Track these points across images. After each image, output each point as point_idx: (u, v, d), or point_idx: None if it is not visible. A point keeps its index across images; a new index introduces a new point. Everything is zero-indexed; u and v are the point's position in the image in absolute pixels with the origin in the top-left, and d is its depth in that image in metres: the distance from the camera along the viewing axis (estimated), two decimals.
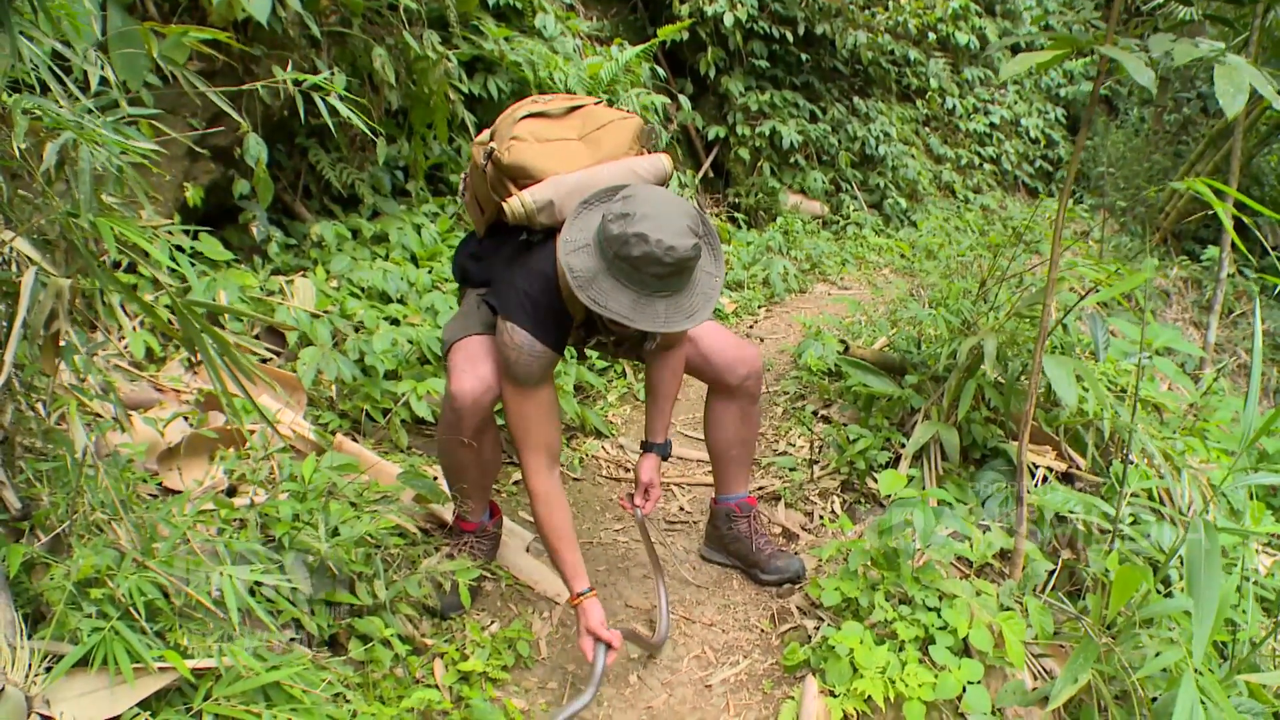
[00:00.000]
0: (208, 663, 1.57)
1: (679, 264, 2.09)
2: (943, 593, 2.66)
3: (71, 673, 1.51)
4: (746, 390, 2.88)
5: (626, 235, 2.05)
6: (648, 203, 2.10)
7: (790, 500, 3.53)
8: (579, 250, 2.16)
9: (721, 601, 2.95)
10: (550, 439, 2.46)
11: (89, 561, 1.57)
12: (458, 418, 2.47)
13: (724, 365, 2.85)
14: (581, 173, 2.37)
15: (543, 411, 2.44)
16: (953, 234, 8.32)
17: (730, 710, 2.50)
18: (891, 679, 2.39)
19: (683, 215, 2.12)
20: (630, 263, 2.07)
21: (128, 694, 1.51)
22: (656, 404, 2.81)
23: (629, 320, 2.12)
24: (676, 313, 2.16)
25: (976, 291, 4.43)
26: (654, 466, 2.81)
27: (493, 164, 2.40)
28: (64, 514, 1.66)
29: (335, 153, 4.88)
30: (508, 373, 2.38)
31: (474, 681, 2.36)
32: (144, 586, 1.58)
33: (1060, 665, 2.79)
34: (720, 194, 8.92)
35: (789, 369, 4.85)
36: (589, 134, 2.48)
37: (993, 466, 3.78)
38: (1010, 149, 11.80)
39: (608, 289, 2.11)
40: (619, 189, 2.24)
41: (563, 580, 2.47)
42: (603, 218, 2.14)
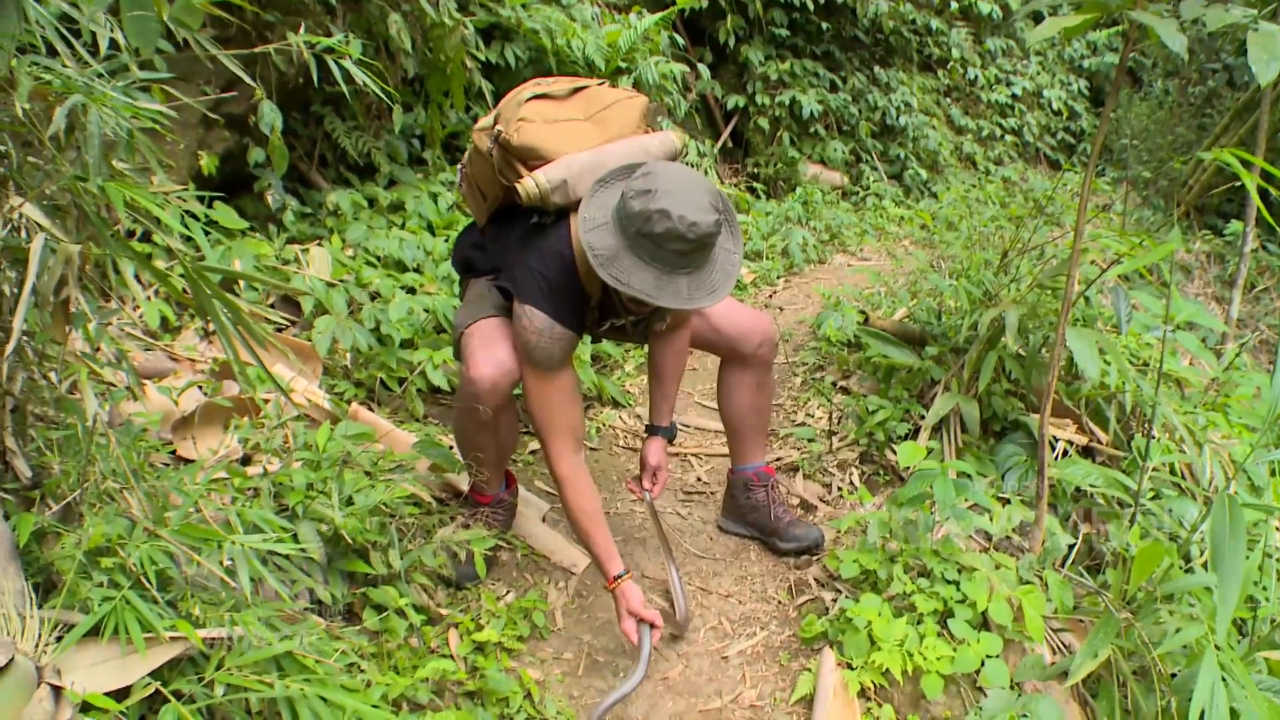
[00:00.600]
0: (219, 632, 1.56)
1: (701, 240, 2.07)
2: (962, 566, 2.63)
3: (82, 642, 1.50)
4: (761, 359, 2.86)
5: (649, 212, 2.04)
6: (669, 179, 2.08)
7: (808, 472, 3.50)
8: (599, 228, 2.14)
9: (739, 573, 2.94)
10: (575, 423, 2.44)
11: (100, 530, 1.56)
12: (476, 402, 2.44)
13: (738, 335, 2.82)
14: (593, 151, 2.34)
15: (565, 395, 2.42)
16: (974, 206, 8.22)
17: (747, 682, 2.49)
18: (909, 652, 2.37)
19: (704, 191, 2.10)
20: (653, 239, 2.06)
21: (139, 664, 1.50)
22: (661, 387, 2.79)
23: (652, 298, 2.10)
24: (699, 289, 2.15)
25: (998, 263, 4.37)
26: (660, 449, 2.80)
27: (500, 147, 2.35)
28: (75, 483, 1.65)
29: (351, 121, 4.85)
30: (529, 357, 2.36)
31: (489, 652, 2.36)
32: (155, 555, 1.57)
33: (1079, 640, 2.76)
34: (739, 164, 8.84)
35: (808, 340, 4.81)
36: (595, 114, 2.45)
37: (1013, 439, 3.74)
38: (1032, 120, 11.64)
39: (629, 267, 2.10)
40: (636, 166, 2.22)
41: (597, 564, 2.46)
42: (622, 195, 2.12)
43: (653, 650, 2.34)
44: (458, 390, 2.58)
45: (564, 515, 2.52)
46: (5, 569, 1.48)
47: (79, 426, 1.73)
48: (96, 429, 1.73)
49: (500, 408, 2.49)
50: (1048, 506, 3.01)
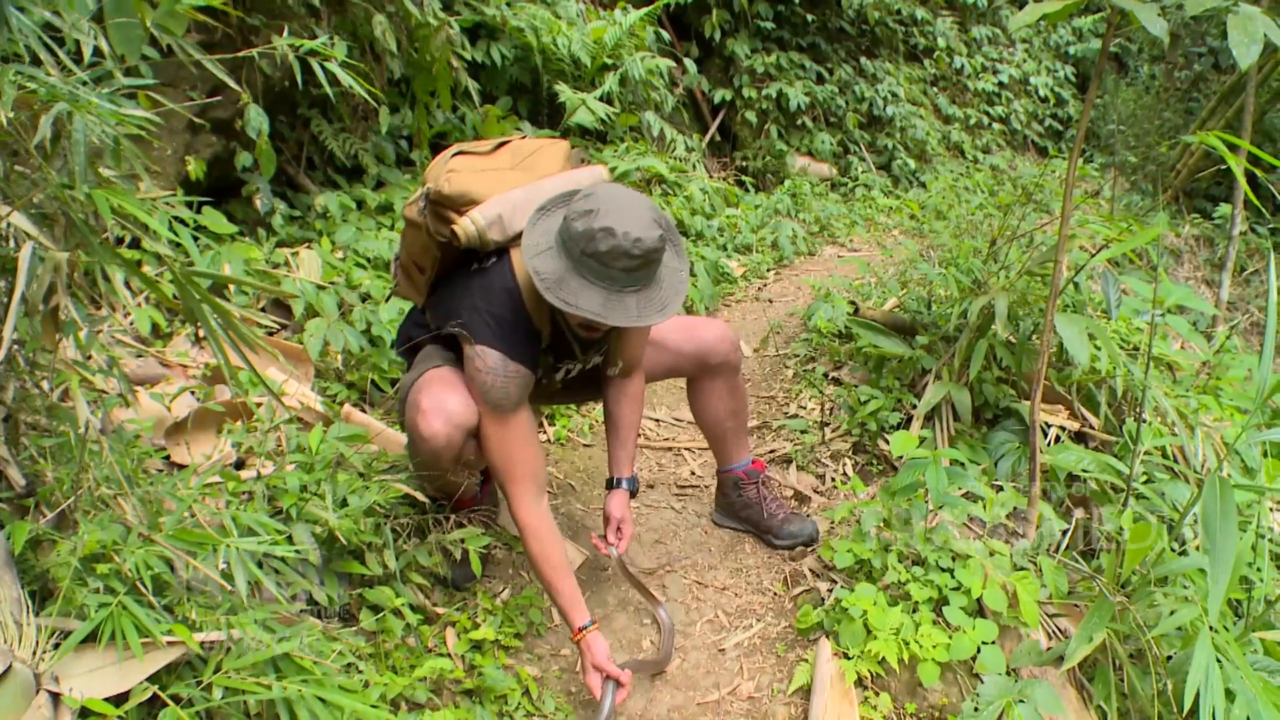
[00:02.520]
0: (216, 636, 1.56)
1: (646, 255, 2.08)
2: (956, 553, 2.64)
3: (79, 649, 1.50)
4: (729, 364, 2.86)
5: (593, 231, 2.04)
6: (610, 199, 2.09)
7: (802, 463, 3.52)
8: (543, 253, 2.13)
9: (734, 566, 2.95)
10: (535, 468, 2.35)
11: (95, 537, 1.56)
12: (433, 461, 2.33)
13: (703, 350, 2.81)
14: (525, 188, 2.34)
15: (523, 438, 2.33)
16: (962, 194, 8.24)
17: (744, 674, 2.50)
18: (905, 640, 2.38)
19: (646, 208, 2.12)
20: (598, 259, 2.06)
21: (137, 669, 1.50)
22: (618, 436, 2.72)
23: (601, 317, 2.09)
24: (648, 306, 2.15)
25: (987, 250, 4.39)
26: (623, 502, 2.69)
27: (432, 202, 2.31)
28: (69, 490, 1.65)
29: (338, 123, 4.85)
30: (485, 399, 2.28)
31: (486, 650, 2.37)
32: (150, 561, 1.57)
33: (1074, 625, 2.78)
34: (727, 157, 8.84)
35: (799, 331, 4.83)
36: (521, 162, 2.43)
37: (1005, 426, 3.76)
38: (1019, 108, 11.67)
39: (576, 288, 2.09)
40: (574, 193, 2.22)
41: (562, 615, 2.34)
42: (565, 218, 2.12)
43: (613, 710, 2.23)
44: (408, 446, 2.44)
45: (528, 564, 2.43)
46: (1, 577, 1.49)
47: (71, 434, 1.73)
48: (89, 436, 1.73)
49: (459, 457, 2.38)
50: (1040, 492, 3.02)
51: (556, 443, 3.63)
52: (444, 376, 2.36)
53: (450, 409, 2.26)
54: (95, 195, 1.47)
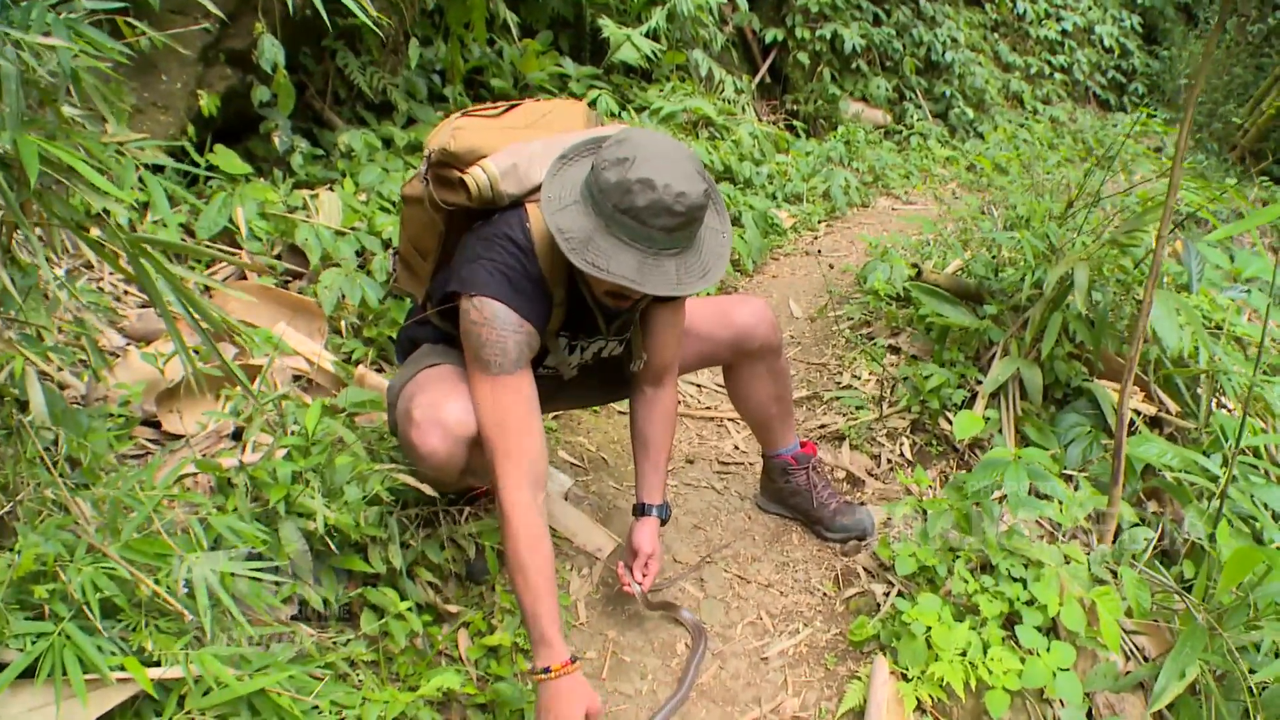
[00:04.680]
0: (174, 672, 1.32)
1: (690, 212, 1.78)
2: (1028, 560, 2.36)
3: (15, 686, 1.26)
4: (769, 347, 2.53)
5: (629, 182, 1.74)
6: (647, 146, 1.78)
7: (855, 441, 3.22)
8: (567, 208, 1.81)
9: (779, 559, 2.68)
10: (532, 450, 1.94)
11: (33, 551, 1.31)
12: (436, 477, 2.04)
13: (740, 334, 2.49)
14: (542, 140, 2.01)
15: (522, 408, 1.94)
16: (1021, 147, 7.80)
17: (789, 688, 2.24)
18: (972, 663, 2.11)
19: (687, 158, 1.81)
20: (634, 215, 1.75)
21: (80, 712, 1.26)
22: (649, 458, 2.37)
23: (636, 285, 1.78)
24: (688, 273, 1.84)
25: (1063, 213, 4.03)
26: (652, 533, 2.35)
27: (438, 164, 2.00)
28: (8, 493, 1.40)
29: (366, 55, 4.54)
30: (477, 357, 1.93)
31: (502, 655, 2.12)
32: (99, 581, 1.32)
33: (1153, 645, 2.50)
34: (777, 100, 8.43)
35: (852, 292, 4.50)
36: (535, 121, 2.10)
37: (1076, 408, 3.45)
38: (1083, 58, 11.08)
39: (608, 250, 1.78)
40: (601, 139, 1.90)
41: (534, 642, 1.87)
42: (593, 167, 1.81)
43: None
44: (404, 454, 2.07)
45: (505, 568, 2.03)
46: None
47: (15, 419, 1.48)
48: (39, 423, 1.48)
49: (467, 466, 2.04)
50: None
51: (590, 411, 3.35)
52: (440, 376, 2.06)
53: (447, 418, 1.94)
54: (21, 143, 1.20)
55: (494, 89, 5.45)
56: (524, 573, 1.86)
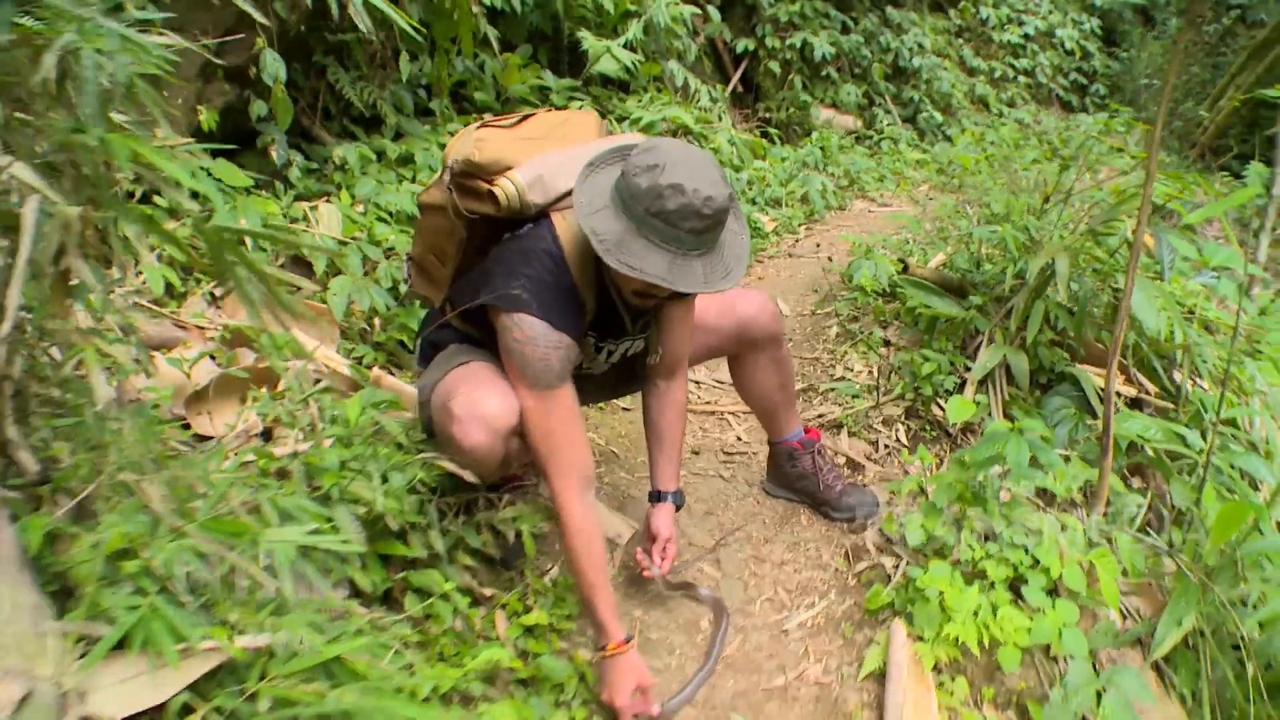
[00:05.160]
0: (261, 640, 1.40)
1: (716, 216, 1.89)
2: (1029, 528, 2.48)
3: (108, 658, 1.33)
4: (772, 336, 2.65)
5: (660, 187, 1.85)
6: (676, 154, 1.89)
7: (853, 429, 3.34)
8: (599, 212, 1.92)
9: (790, 539, 2.78)
10: (581, 454, 2.11)
11: (119, 530, 1.39)
12: (478, 469, 2.12)
13: (741, 327, 2.60)
14: (563, 151, 2.12)
15: (569, 421, 2.09)
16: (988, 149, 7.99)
17: (810, 656, 2.34)
18: (984, 623, 2.22)
19: (712, 165, 1.92)
20: (665, 218, 1.86)
21: (172, 678, 1.33)
22: (663, 449, 2.50)
23: (668, 283, 1.89)
24: (713, 273, 1.95)
25: (1040, 207, 4.18)
26: (669, 518, 2.48)
27: (461, 175, 2.10)
28: (88, 475, 1.48)
29: (355, 70, 4.62)
30: (523, 374, 2.04)
31: (539, 634, 2.21)
32: (183, 556, 1.40)
33: (1147, 605, 2.62)
34: (750, 109, 8.59)
35: (838, 289, 4.63)
36: (551, 132, 2.21)
37: (1060, 392, 3.58)
38: (1045, 61, 11.37)
39: (640, 251, 1.88)
40: (627, 148, 2.02)
41: (595, 624, 2.11)
42: (623, 174, 1.92)
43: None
44: (442, 446, 2.16)
45: (565, 563, 2.20)
46: (17, 581, 1.31)
47: (87, 411, 1.55)
48: (109, 413, 1.56)
49: (508, 459, 2.17)
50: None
51: (595, 408, 3.45)
52: (475, 373, 2.15)
53: (488, 413, 2.04)
54: (111, 141, 1.28)
55: (477, 102, 5.56)
56: (580, 567, 2.07)
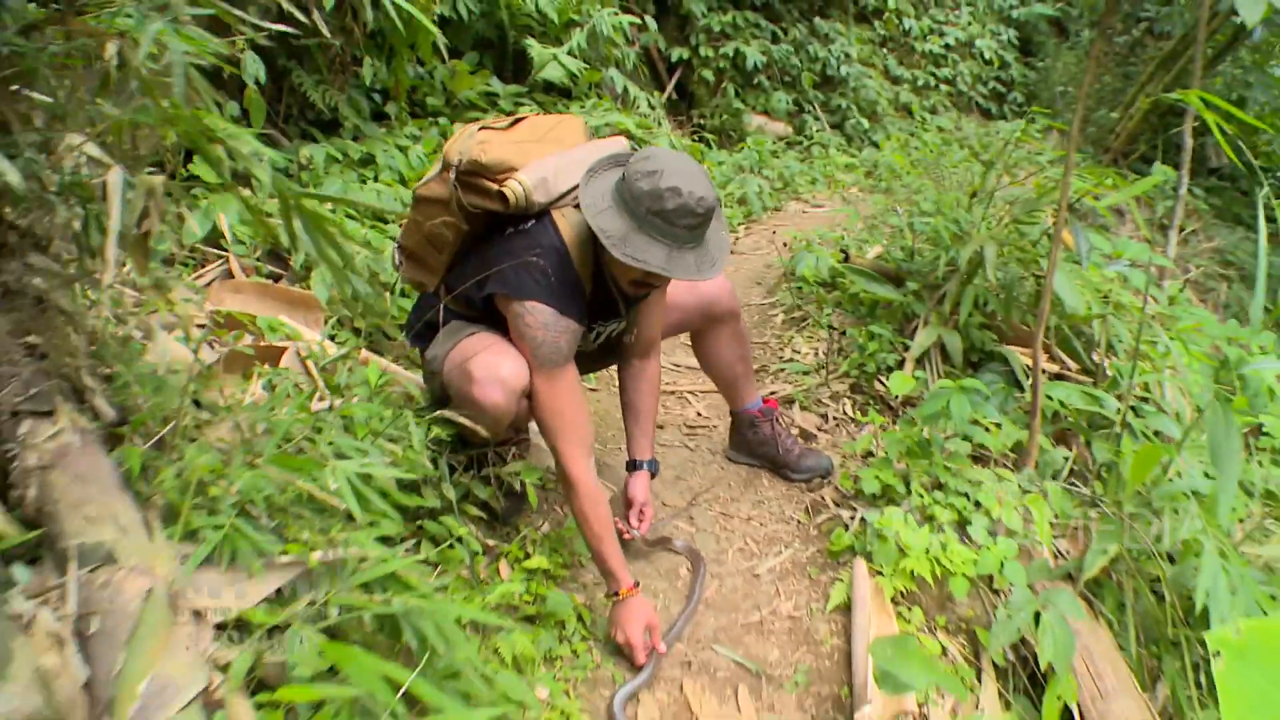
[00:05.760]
0: (334, 554, 1.59)
1: (708, 213, 2.19)
2: (970, 479, 2.77)
3: (199, 571, 1.53)
4: (732, 312, 2.93)
5: (660, 190, 2.13)
6: (670, 160, 2.19)
7: (804, 403, 3.62)
8: (604, 212, 2.20)
9: (755, 498, 3.04)
10: (584, 424, 2.38)
11: (200, 462, 1.58)
12: (493, 426, 2.34)
13: (704, 304, 2.88)
14: (559, 155, 2.39)
15: (574, 395, 2.37)
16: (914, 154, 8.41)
17: (781, 595, 2.60)
18: (936, 558, 2.50)
19: (700, 170, 2.22)
20: (663, 217, 2.15)
21: (257, 587, 1.53)
22: (638, 422, 2.80)
23: (667, 272, 2.18)
24: (703, 262, 2.24)
25: (969, 202, 4.52)
26: (644, 485, 2.77)
27: (466, 174, 2.34)
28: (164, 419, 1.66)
29: (316, 74, 4.79)
30: (535, 355, 2.30)
31: (537, 579, 2.43)
32: (259, 483, 1.60)
33: (1075, 547, 2.93)
34: (685, 115, 8.89)
35: (780, 282, 4.92)
36: (544, 135, 2.48)
37: (990, 369, 3.90)
38: (965, 70, 11.88)
39: (641, 245, 2.17)
40: (622, 156, 2.33)
41: (604, 574, 2.38)
42: (624, 178, 2.20)
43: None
44: (458, 409, 2.31)
45: (574, 521, 2.41)
46: (121, 501, 1.50)
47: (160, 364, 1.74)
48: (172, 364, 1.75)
49: (518, 421, 2.45)
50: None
51: None
52: (487, 342, 2.37)
53: (504, 375, 2.28)
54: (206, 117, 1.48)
55: (428, 106, 5.75)
56: (589, 524, 2.33)
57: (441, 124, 5.41)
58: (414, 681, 1.47)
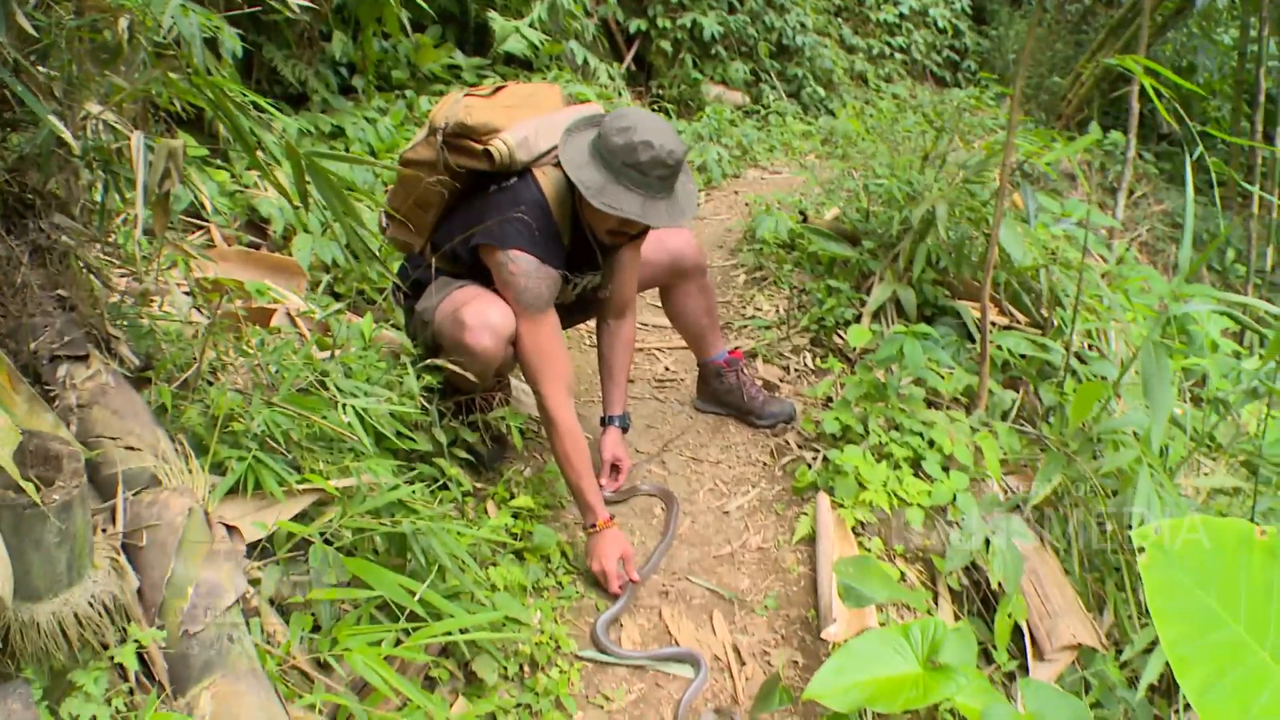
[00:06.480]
0: (348, 481, 1.76)
1: (677, 165, 2.41)
2: (924, 420, 2.97)
3: (226, 499, 1.68)
4: (698, 267, 3.12)
5: (634, 144, 2.35)
6: (642, 118, 2.41)
7: (767, 357, 3.81)
8: (583, 166, 2.40)
9: (723, 443, 3.23)
10: (566, 369, 2.57)
11: (224, 399, 1.73)
12: (483, 371, 2.49)
13: (672, 259, 3.06)
14: (540, 117, 2.58)
15: (556, 338, 2.56)
16: (870, 122, 8.60)
17: (750, 530, 2.80)
18: (893, 492, 2.70)
19: (670, 127, 2.44)
20: (638, 168, 2.35)
21: (279, 511, 1.69)
22: (612, 378, 2.99)
23: (641, 218, 2.39)
24: (674, 210, 2.47)
25: (920, 165, 4.71)
26: (617, 439, 2.96)
27: (453, 135, 2.51)
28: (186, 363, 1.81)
29: (285, 49, 4.87)
30: (519, 301, 2.46)
31: (523, 518, 2.60)
32: (278, 419, 1.75)
33: (1024, 483, 3.15)
34: (644, 86, 9.00)
35: (742, 244, 5.10)
36: (524, 101, 2.65)
37: (943, 322, 4.11)
38: (919, 39, 12.07)
39: (617, 194, 2.37)
40: (594, 116, 2.53)
41: (582, 509, 2.55)
42: (600, 135, 2.41)
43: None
44: (450, 358, 2.48)
45: (554, 459, 2.60)
46: (157, 433, 1.65)
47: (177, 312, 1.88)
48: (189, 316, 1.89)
49: (503, 367, 2.60)
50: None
51: None
52: (476, 293, 2.54)
53: (494, 321, 2.44)
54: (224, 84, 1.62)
55: (394, 80, 5.84)
56: (569, 460, 2.52)
57: (408, 96, 5.51)
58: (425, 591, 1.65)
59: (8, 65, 1.70)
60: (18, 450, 1.19)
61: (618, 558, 2.50)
